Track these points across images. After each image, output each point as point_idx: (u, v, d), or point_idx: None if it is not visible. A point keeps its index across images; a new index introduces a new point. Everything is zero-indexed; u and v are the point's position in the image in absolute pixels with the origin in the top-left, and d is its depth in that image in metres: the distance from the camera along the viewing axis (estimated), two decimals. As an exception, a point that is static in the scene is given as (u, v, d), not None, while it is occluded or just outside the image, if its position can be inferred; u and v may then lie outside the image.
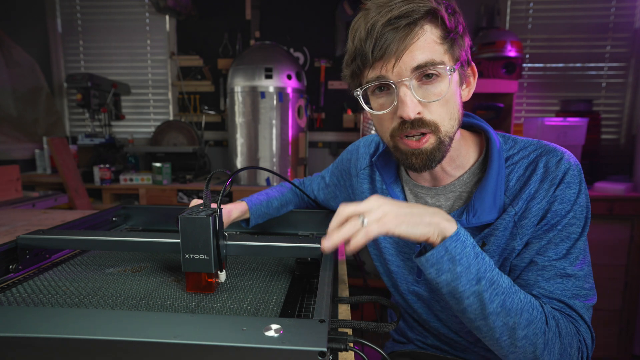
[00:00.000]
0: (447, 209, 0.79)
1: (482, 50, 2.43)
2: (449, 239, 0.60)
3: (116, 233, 0.85)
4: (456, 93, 0.70)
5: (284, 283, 0.74)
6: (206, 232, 0.65)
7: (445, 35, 0.65)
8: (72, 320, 0.45)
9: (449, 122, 0.69)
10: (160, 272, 0.79)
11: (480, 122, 0.80)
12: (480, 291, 0.61)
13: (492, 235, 0.73)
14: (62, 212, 1.55)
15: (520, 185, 0.72)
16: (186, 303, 0.65)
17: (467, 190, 0.77)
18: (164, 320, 0.45)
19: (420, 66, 0.65)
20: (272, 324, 0.44)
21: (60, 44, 3.12)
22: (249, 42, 2.99)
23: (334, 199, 1.10)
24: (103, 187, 2.51)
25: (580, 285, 0.68)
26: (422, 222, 0.60)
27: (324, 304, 0.52)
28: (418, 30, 0.64)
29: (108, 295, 0.68)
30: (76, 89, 2.55)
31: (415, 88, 0.66)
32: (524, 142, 0.76)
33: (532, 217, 0.70)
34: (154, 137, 2.90)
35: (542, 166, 0.71)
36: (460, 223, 0.73)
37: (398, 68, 0.65)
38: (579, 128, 2.31)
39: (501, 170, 0.73)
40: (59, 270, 0.80)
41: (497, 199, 0.72)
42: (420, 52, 0.64)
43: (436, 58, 0.65)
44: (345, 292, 0.82)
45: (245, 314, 0.61)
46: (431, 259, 0.62)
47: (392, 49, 0.64)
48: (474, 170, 0.77)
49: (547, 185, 0.69)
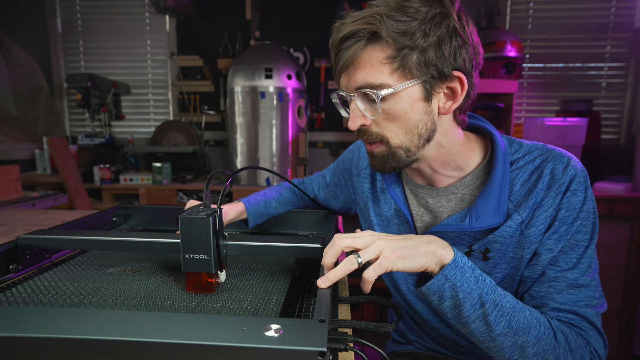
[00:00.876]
0: (449, 210, 0.78)
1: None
2: (448, 266, 0.60)
3: (116, 233, 0.85)
4: (414, 109, 0.67)
5: (284, 283, 0.74)
6: (206, 232, 0.65)
7: (395, 54, 0.64)
8: (72, 320, 0.45)
9: (404, 137, 0.70)
10: (160, 272, 0.79)
11: (486, 124, 0.79)
12: (485, 314, 0.61)
13: (496, 242, 0.72)
14: (62, 212, 1.55)
15: (525, 192, 0.71)
16: (186, 303, 0.65)
17: (470, 192, 0.76)
18: (164, 320, 0.45)
19: (360, 87, 0.67)
20: (272, 324, 0.44)
21: (60, 44, 3.12)
22: (249, 42, 2.99)
23: (334, 199, 1.10)
24: (103, 187, 2.51)
25: (592, 295, 0.68)
26: (418, 253, 0.60)
27: (324, 304, 0.52)
28: (362, 50, 0.65)
29: (108, 295, 0.67)
30: (76, 89, 2.55)
31: (364, 103, 0.69)
32: (529, 146, 0.75)
33: (539, 225, 0.69)
34: (154, 137, 2.90)
35: (549, 173, 0.70)
36: (463, 227, 0.73)
37: (346, 83, 0.70)
38: (579, 128, 2.31)
39: (506, 174, 0.72)
40: (59, 270, 0.80)
41: (501, 203, 0.71)
42: (359, 73, 0.67)
43: (374, 81, 0.65)
44: (345, 292, 0.82)
45: (245, 314, 0.61)
46: (432, 287, 0.62)
47: (340, 67, 0.69)
48: (477, 173, 0.76)
49: (554, 193, 0.69)
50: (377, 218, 0.89)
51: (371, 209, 0.90)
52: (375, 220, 0.89)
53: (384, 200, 0.87)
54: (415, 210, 0.83)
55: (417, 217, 0.83)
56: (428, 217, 0.81)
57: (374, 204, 0.90)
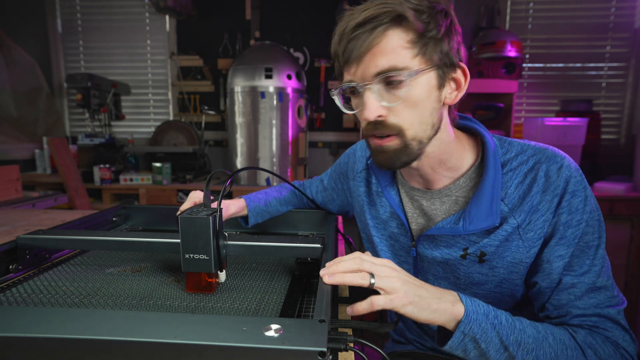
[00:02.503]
0: (443, 213, 0.78)
1: (482, 50, 2.43)
2: (462, 323, 0.61)
3: (116, 233, 0.85)
4: (429, 97, 0.68)
5: (284, 283, 0.74)
6: (206, 232, 0.65)
7: (417, 39, 0.64)
8: (72, 320, 0.45)
9: (419, 127, 0.68)
10: (160, 272, 0.79)
11: (476, 124, 0.79)
12: (512, 356, 0.62)
13: (492, 246, 0.72)
14: (62, 212, 1.55)
15: (520, 195, 0.70)
16: (186, 303, 0.65)
17: (463, 194, 0.76)
18: (164, 320, 0.45)
19: (382, 72, 0.65)
20: (272, 324, 0.44)
21: (60, 44, 3.12)
22: (249, 42, 2.99)
23: (331, 202, 1.11)
24: (103, 187, 2.51)
25: (611, 294, 0.69)
26: (428, 308, 0.60)
27: (324, 304, 0.52)
28: (383, 34, 0.64)
29: (108, 295, 0.68)
30: (76, 89, 2.55)
31: (381, 92, 0.67)
32: (520, 145, 0.74)
33: (537, 229, 0.69)
34: (154, 137, 2.90)
35: (543, 175, 0.69)
36: (457, 230, 0.73)
37: (361, 72, 0.67)
38: (579, 128, 2.31)
39: (497, 175, 0.71)
40: (59, 270, 0.80)
41: (494, 205, 0.70)
42: (382, 57, 0.64)
43: (399, 64, 0.64)
44: (345, 292, 0.82)
45: (245, 314, 0.61)
46: (453, 345, 0.62)
47: (355, 55, 0.66)
48: (470, 174, 0.76)
49: (550, 196, 0.68)
50: (373, 221, 0.89)
51: (367, 212, 0.90)
52: (371, 223, 0.89)
53: (379, 203, 0.87)
54: (411, 212, 0.83)
55: (412, 220, 0.83)
56: (422, 220, 0.81)
57: (369, 207, 0.90)
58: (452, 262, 0.77)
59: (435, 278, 0.82)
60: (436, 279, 0.82)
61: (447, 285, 0.81)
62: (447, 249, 0.77)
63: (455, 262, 0.77)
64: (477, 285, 0.77)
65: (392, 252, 0.87)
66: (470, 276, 0.76)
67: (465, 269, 0.76)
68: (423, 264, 0.82)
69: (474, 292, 0.78)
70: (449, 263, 0.78)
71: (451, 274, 0.79)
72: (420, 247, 0.81)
